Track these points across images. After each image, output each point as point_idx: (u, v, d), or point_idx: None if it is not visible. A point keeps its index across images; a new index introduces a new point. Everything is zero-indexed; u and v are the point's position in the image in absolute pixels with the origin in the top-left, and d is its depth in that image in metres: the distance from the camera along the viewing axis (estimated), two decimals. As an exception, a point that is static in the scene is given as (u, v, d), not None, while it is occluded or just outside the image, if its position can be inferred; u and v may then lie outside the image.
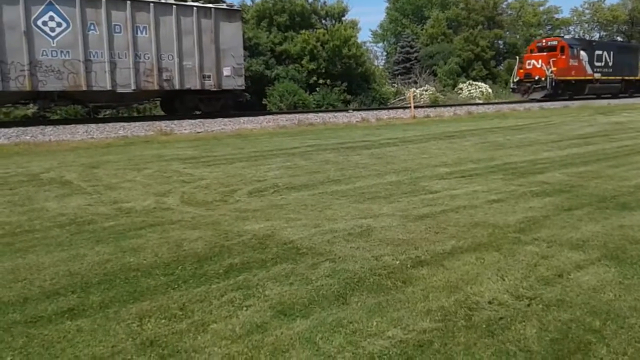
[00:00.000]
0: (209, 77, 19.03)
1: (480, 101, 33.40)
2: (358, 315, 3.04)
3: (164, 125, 15.81)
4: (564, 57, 32.30)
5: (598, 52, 35.36)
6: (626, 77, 37.96)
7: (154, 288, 3.51)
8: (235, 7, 20.43)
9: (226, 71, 19.40)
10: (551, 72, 31.14)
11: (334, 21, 34.99)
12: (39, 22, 15.75)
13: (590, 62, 34.41)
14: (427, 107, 25.21)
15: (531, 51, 34.04)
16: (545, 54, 32.42)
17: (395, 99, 33.25)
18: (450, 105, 25.94)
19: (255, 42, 28.24)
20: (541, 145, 11.12)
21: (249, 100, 22.19)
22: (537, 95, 31.79)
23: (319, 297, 3.31)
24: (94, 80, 16.80)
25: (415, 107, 22.79)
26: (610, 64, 36.43)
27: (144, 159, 9.95)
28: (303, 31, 31.06)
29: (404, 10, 52.42)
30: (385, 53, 55.91)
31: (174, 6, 18.38)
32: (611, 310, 3.07)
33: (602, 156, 9.34)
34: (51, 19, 15.95)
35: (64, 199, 6.41)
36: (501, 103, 29.90)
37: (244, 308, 3.16)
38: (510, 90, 34.80)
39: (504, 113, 23.29)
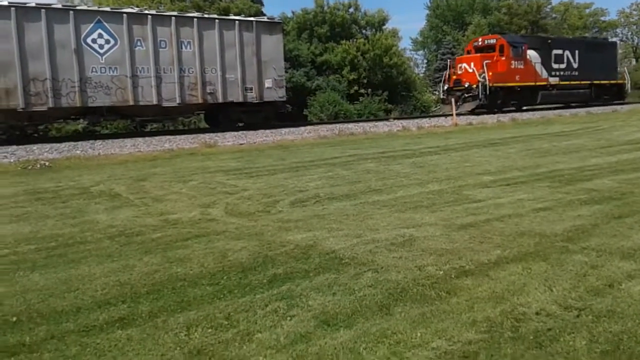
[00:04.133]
0: (251, 89, 19.32)
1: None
2: (402, 325, 3.03)
3: (207, 137, 16.13)
4: (503, 58, 26.04)
5: (557, 51, 28.87)
6: (597, 82, 30.76)
7: (201, 298, 3.58)
8: (276, 20, 20.71)
9: (268, 83, 19.65)
10: (484, 77, 24.96)
11: (374, 30, 35.03)
12: (89, 40, 16.35)
13: (546, 64, 28.09)
14: (469, 114, 24.86)
15: (468, 52, 27.92)
16: (479, 55, 26.31)
17: (436, 106, 32.55)
18: (494, 112, 25.49)
19: (296, 54, 28.53)
20: (589, 152, 10.81)
21: (290, 111, 22.39)
22: (468, 106, 25.64)
23: (362, 307, 3.31)
24: (141, 95, 17.29)
25: (457, 114, 22.51)
26: (575, 65, 29.72)
27: (189, 171, 10.17)
28: (343, 41, 31.23)
29: (444, 17, 52.02)
30: (426, 60, 55.60)
31: (217, 20, 18.78)
32: (666, 322, 2.96)
33: (655, 162, 9.01)
34: (100, 36, 16.54)
35: (114, 211, 6.61)
36: (545, 109, 28.66)
37: (288, 318, 3.20)
38: (440, 101, 28.56)
39: (549, 119, 22.75)
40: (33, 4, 15.54)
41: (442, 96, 27.36)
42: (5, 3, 15.03)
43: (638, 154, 10.16)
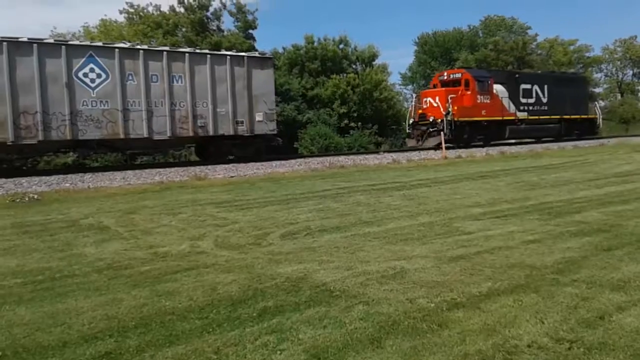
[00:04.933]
0: (242, 122, 19.44)
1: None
2: (393, 359, 3.00)
3: (198, 170, 16.13)
4: (468, 92, 25.59)
5: (525, 86, 28.55)
6: (567, 116, 30.34)
7: (189, 332, 3.53)
8: (267, 55, 20.99)
9: (259, 117, 19.80)
10: (449, 112, 24.56)
11: (364, 65, 35.55)
12: (80, 74, 16.45)
13: (514, 99, 27.74)
14: (458, 147, 25.09)
15: (434, 86, 27.40)
16: (444, 89, 25.79)
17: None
18: (482, 146, 25.76)
19: (287, 88, 28.84)
20: (577, 184, 10.92)
21: (280, 144, 22.50)
22: (433, 141, 24.82)
23: (353, 340, 3.28)
24: (132, 128, 17.34)
25: (446, 147, 22.71)
26: (544, 100, 29.37)
27: (179, 203, 10.13)
28: (334, 76, 31.64)
29: (432, 52, 52.94)
30: (415, 95, 56.30)
31: (208, 55, 19.00)
32: (657, 354, 2.95)
33: (642, 194, 9.10)
34: (91, 70, 16.66)
35: (102, 244, 6.55)
36: (531, 143, 28.75)
37: (278, 352, 3.16)
38: (405, 136, 27.73)
39: (537, 152, 23.01)
40: (25, 39, 15.66)
41: (407, 130, 26.92)
42: (-2, 37, 15.15)
43: (626, 186, 10.27)
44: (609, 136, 33.41)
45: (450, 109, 24.49)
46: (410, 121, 26.32)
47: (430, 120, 25.07)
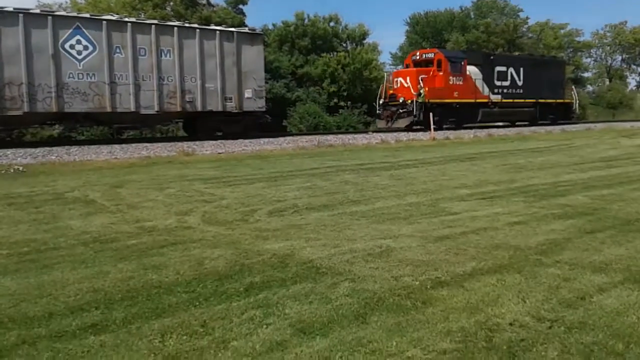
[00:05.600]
0: (230, 99, 19.30)
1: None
2: (377, 334, 3.04)
3: (186, 146, 16.04)
4: (441, 73, 24.95)
5: (500, 68, 27.91)
6: (542, 100, 29.88)
7: (176, 305, 3.55)
8: (257, 31, 20.76)
9: (247, 93, 19.66)
10: (421, 94, 23.94)
11: (355, 44, 35.36)
12: (67, 46, 16.19)
13: (488, 81, 27.08)
14: (447, 129, 25.14)
15: (407, 66, 26.82)
16: (415, 69, 25.14)
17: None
18: (470, 128, 25.83)
19: (277, 65, 28.62)
20: (563, 168, 11.02)
21: (269, 122, 22.41)
22: (402, 123, 24.53)
23: (338, 316, 3.32)
24: (119, 102, 17.15)
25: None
26: (520, 83, 28.80)
27: (166, 178, 10.09)
28: (324, 54, 31.45)
29: (423, 33, 52.73)
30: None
31: (198, 30, 18.76)
32: (634, 334, 3.02)
33: (626, 179, 9.21)
34: (78, 42, 16.39)
35: (88, 218, 6.52)
36: (520, 126, 28.73)
37: (264, 326, 3.18)
38: (375, 116, 26.96)
39: (524, 135, 23.15)
40: (11, 9, 15.34)
41: (377, 111, 26.14)
42: (-18, 6, 14.82)
43: (610, 171, 10.39)
44: (596, 121, 33.59)
45: (422, 91, 23.90)
46: (381, 101, 25.66)
47: (400, 101, 24.47)
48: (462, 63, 26.02)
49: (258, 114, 20.62)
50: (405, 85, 24.61)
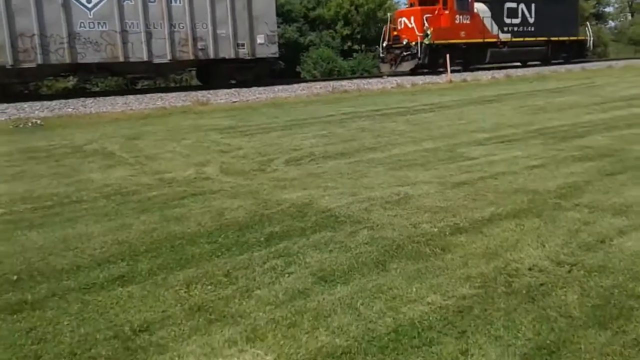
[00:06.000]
0: (242, 45, 19.00)
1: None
2: (397, 281, 3.09)
3: (200, 95, 15.96)
4: (446, 12, 23.41)
5: (510, 4, 26.16)
6: (555, 38, 28.06)
7: (199, 256, 3.63)
8: (267, -27, 20.17)
9: (260, 39, 19.32)
10: (428, 35, 22.57)
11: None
12: (76, -6, 15.93)
13: (497, 19, 25.47)
14: (463, 70, 24.61)
15: (411, 5, 24.95)
16: (420, 8, 23.52)
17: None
18: (488, 69, 25.26)
19: (288, 9, 27.98)
20: (583, 108, 10.81)
21: (282, 68, 22.11)
22: (406, 66, 23.31)
23: (358, 264, 3.37)
24: (131, 51, 16.98)
25: (451, 71, 22.27)
26: (531, 20, 27.00)
27: (182, 129, 10.12)
28: (337, -5, 30.58)
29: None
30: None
31: (207, -26, 18.29)
32: (655, 277, 3.04)
33: (648, 119, 9.03)
34: (88, -10, 16.11)
35: (108, 170, 6.61)
36: (537, 66, 27.44)
37: (286, 275, 3.25)
38: (379, 60, 25.63)
39: (544, 75, 22.63)
40: (18, -44, 15.05)
41: (380, 54, 24.75)
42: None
43: (631, 110, 10.17)
44: (617, 58, 32.51)
45: (429, 32, 22.54)
46: (384, 44, 24.23)
47: (404, 43, 23.15)
48: (469, 0, 24.50)
49: (271, 60, 20.32)
50: (410, 25, 23.23)
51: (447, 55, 22.60)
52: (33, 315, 2.86)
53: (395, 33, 23.98)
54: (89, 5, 16.18)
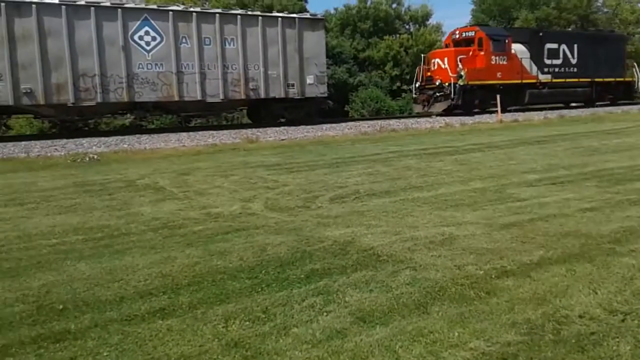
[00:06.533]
0: (292, 85, 19.42)
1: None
2: (439, 325, 3.00)
3: (250, 132, 16.31)
4: (482, 53, 23.28)
5: (551, 45, 25.84)
6: (600, 79, 27.41)
7: (239, 291, 3.63)
8: (318, 16, 20.72)
9: (309, 79, 19.71)
10: (462, 76, 22.37)
11: (417, 25, 34.67)
12: (136, 37, 16.75)
13: (536, 60, 25.22)
14: (515, 111, 24.25)
15: (446, 46, 25.14)
16: (454, 49, 23.63)
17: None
18: (541, 109, 24.81)
19: (339, 51, 28.50)
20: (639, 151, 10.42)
21: (331, 107, 22.38)
22: (439, 107, 23.10)
23: (399, 305, 3.29)
24: (186, 90, 17.62)
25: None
26: (573, 61, 26.64)
27: (231, 165, 10.31)
28: (386, 37, 31.02)
29: (490, 11, 50.86)
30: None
31: (260, 17, 18.93)
32: None
33: None
34: (147, 33, 16.93)
35: (158, 204, 6.77)
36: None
37: (325, 313, 3.21)
38: (413, 100, 25.44)
39: (599, 116, 22.03)
40: (83, 2, 16.02)
41: (413, 95, 24.80)
42: (56, 1, 15.53)
43: (694, 153, 9.72)
44: None
45: (462, 73, 22.39)
46: (417, 84, 24.19)
47: (437, 84, 23.05)
48: (506, 41, 24.29)
49: (320, 100, 20.65)
50: (443, 66, 23.10)
51: (498, 96, 22.38)
52: (75, 344, 2.91)
53: (428, 74, 23.88)
54: (148, 48, 16.97)
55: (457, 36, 24.66)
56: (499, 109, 21.88)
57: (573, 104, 27.97)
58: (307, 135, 16.52)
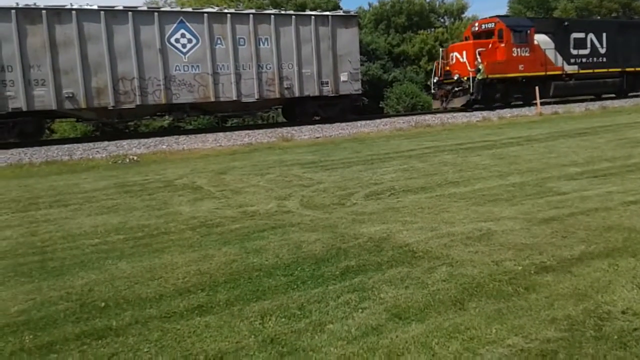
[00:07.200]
0: (326, 83, 19.42)
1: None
2: (476, 321, 2.96)
3: (285, 131, 16.40)
4: (502, 45, 22.15)
5: (577, 35, 24.43)
6: (631, 69, 25.72)
7: (275, 288, 3.67)
8: (351, 13, 20.65)
9: (343, 77, 19.67)
10: (480, 70, 21.30)
11: (453, 19, 34.20)
12: (172, 40, 17.04)
13: (562, 50, 23.83)
14: (555, 103, 23.63)
15: (466, 39, 23.93)
16: (472, 42, 22.53)
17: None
18: (582, 101, 24.12)
19: (373, 48, 28.36)
20: (689, 141, 10.03)
21: (365, 104, 22.28)
22: (457, 102, 22.08)
23: (435, 301, 3.26)
24: (221, 91, 17.83)
25: (542, 103, 21.45)
26: (602, 50, 25.16)
27: (266, 164, 10.40)
28: (421, 31, 30.72)
29: (527, 2, 49.77)
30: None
31: (293, 16, 18.99)
32: None
33: None
34: (182, 36, 17.20)
35: (196, 203, 6.88)
36: (628, 97, 25.56)
37: (360, 310, 3.21)
38: (432, 96, 24.31)
39: (644, 106, 21.29)
40: (120, 7, 16.38)
41: (432, 90, 23.66)
42: (95, 7, 15.94)
43: None
44: None
45: (481, 66, 21.29)
46: (435, 79, 23.18)
47: (455, 78, 22.01)
48: (528, 32, 22.98)
49: (354, 97, 20.58)
50: (461, 60, 22.06)
51: (537, 88, 21.85)
52: (116, 341, 2.99)
53: (447, 68, 23.00)
54: (184, 50, 17.24)
55: (477, 28, 23.61)
56: (537, 101, 21.39)
57: (605, 95, 26.74)
58: (341, 132, 16.51)
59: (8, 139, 15.42)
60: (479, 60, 21.58)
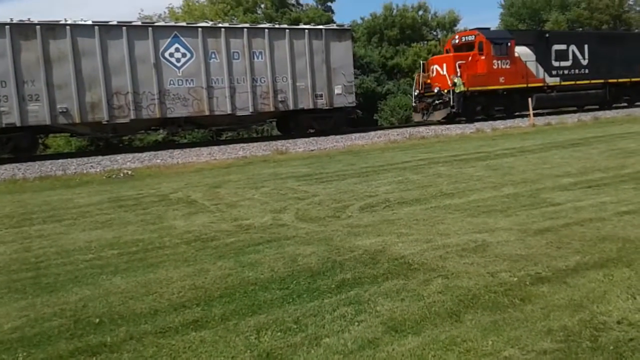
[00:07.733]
0: (321, 96, 19.50)
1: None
2: (472, 333, 2.95)
3: (279, 144, 16.42)
4: (483, 57, 22.21)
5: (558, 46, 24.64)
6: (614, 80, 25.98)
7: (271, 302, 3.65)
8: (345, 27, 20.81)
9: (337, 90, 19.77)
10: (456, 84, 21.27)
11: (445, 32, 34.49)
12: (166, 54, 17.09)
13: (543, 62, 24.02)
14: (547, 114, 23.77)
15: (447, 51, 24.06)
16: (452, 54, 22.74)
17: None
18: (574, 112, 24.28)
19: (367, 61, 28.53)
20: (681, 151, 10.10)
21: (360, 116, 22.35)
22: (438, 115, 22.07)
23: (431, 314, 3.26)
24: (216, 105, 17.87)
25: (534, 114, 21.57)
26: (585, 62, 25.33)
27: (261, 177, 10.40)
28: (414, 44, 30.95)
29: (519, 15, 50.25)
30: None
31: (287, 30, 19.12)
32: None
33: None
34: (177, 50, 17.25)
35: (190, 217, 6.87)
36: (626, 107, 25.84)
37: (356, 323, 3.20)
38: (412, 109, 24.16)
39: (635, 117, 21.46)
40: (115, 22, 16.44)
41: (412, 103, 23.72)
42: (90, 22, 15.99)
43: None
44: None
45: (457, 80, 21.29)
46: (416, 92, 23.20)
47: (435, 91, 22.06)
48: (509, 44, 23.11)
49: (348, 110, 20.66)
50: (442, 73, 22.15)
51: (530, 99, 22.01)
52: (110, 357, 2.97)
53: (428, 81, 23.05)
54: (178, 64, 17.29)
55: (457, 41, 23.87)
56: (530, 112, 21.53)
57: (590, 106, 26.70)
58: (336, 145, 16.55)
59: (2, 154, 15.38)
60: (459, 73, 21.60)
